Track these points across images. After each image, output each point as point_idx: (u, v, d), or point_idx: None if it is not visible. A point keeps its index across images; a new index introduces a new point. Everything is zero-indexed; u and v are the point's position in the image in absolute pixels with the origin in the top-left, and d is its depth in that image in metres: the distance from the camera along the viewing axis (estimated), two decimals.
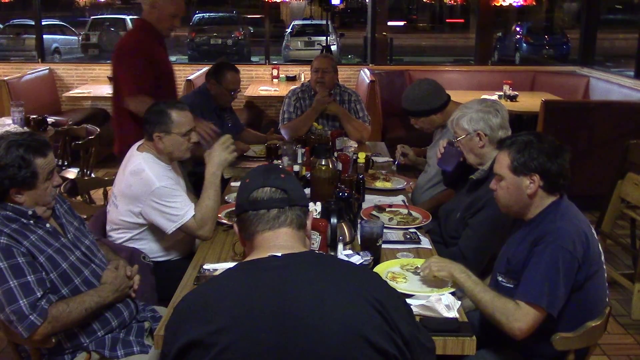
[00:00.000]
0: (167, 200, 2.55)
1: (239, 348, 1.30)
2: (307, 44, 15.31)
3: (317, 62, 4.27)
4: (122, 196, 2.63)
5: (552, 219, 2.01)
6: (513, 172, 2.06)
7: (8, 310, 1.91)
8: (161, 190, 2.54)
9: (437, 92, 3.30)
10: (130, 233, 2.68)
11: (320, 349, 1.30)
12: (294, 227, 1.49)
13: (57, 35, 16.23)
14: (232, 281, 1.42)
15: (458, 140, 2.69)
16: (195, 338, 1.33)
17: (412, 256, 2.40)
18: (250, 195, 1.48)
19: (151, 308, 2.37)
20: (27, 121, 4.63)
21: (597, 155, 5.00)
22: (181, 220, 2.55)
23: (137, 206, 2.59)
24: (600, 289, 2.05)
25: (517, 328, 1.91)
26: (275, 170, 1.55)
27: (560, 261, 1.92)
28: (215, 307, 1.35)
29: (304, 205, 1.54)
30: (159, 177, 2.57)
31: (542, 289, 1.91)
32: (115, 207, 2.68)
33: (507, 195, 2.10)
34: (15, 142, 1.99)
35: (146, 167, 2.58)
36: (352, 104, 4.31)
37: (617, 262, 4.27)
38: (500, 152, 2.13)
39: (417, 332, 1.46)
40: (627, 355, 3.23)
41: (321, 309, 1.33)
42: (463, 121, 2.64)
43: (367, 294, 1.37)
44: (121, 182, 2.65)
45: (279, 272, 1.38)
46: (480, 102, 2.70)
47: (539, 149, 2.03)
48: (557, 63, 13.11)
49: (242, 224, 1.51)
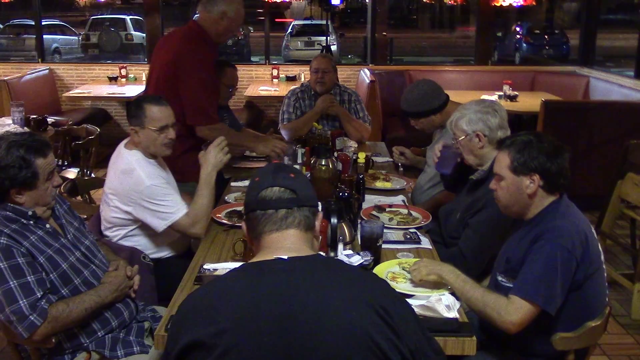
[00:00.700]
0: (159, 199, 2.55)
1: (241, 350, 1.30)
2: (307, 44, 15.31)
3: (316, 62, 4.27)
4: (114, 194, 2.63)
5: (552, 218, 2.02)
6: (513, 172, 2.06)
7: (8, 311, 1.92)
8: (152, 189, 2.54)
9: (436, 92, 3.30)
10: (124, 230, 2.68)
11: (322, 353, 1.30)
12: (302, 229, 1.48)
13: (57, 35, 16.22)
14: (236, 282, 1.41)
15: (457, 142, 2.69)
16: (198, 338, 1.33)
17: (412, 256, 2.40)
18: (259, 194, 1.47)
19: (151, 308, 2.37)
20: (27, 121, 4.63)
21: (597, 155, 5.00)
22: (172, 217, 2.55)
23: (128, 205, 2.59)
24: (600, 289, 2.05)
25: (510, 322, 1.90)
26: (285, 169, 1.54)
27: (558, 259, 1.92)
28: (219, 307, 1.35)
29: (313, 206, 1.52)
30: (149, 176, 2.57)
31: (538, 285, 1.91)
32: (107, 204, 2.68)
33: (507, 195, 2.10)
34: (16, 143, 1.99)
35: (137, 166, 2.58)
36: (352, 104, 4.31)
37: (617, 262, 4.27)
38: (500, 152, 2.13)
39: (426, 341, 1.44)
40: (627, 355, 3.23)
41: (325, 314, 1.32)
42: (462, 122, 2.64)
43: (373, 300, 1.36)
44: (112, 180, 2.65)
45: (284, 276, 1.37)
46: (479, 102, 2.70)
47: (538, 149, 2.03)
48: (557, 63, 13.10)
49: (250, 223, 1.50)
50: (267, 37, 8.26)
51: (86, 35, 17.22)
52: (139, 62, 8.63)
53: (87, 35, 17.22)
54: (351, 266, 2.05)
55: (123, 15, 18.12)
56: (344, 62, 13.89)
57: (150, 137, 2.61)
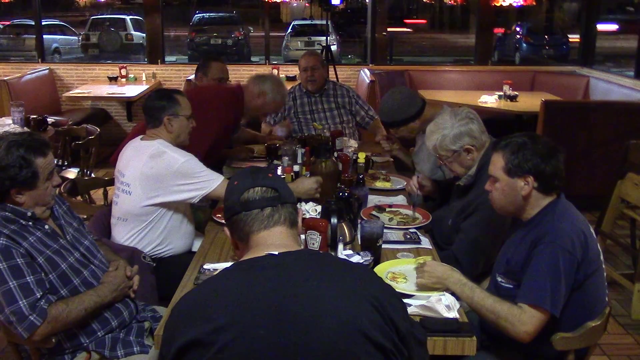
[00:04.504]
0: (197, 171, 2.64)
1: (237, 345, 1.31)
2: (307, 44, 15.31)
3: (304, 60, 4.28)
4: (140, 180, 2.63)
5: (550, 219, 2.02)
6: (507, 173, 2.06)
7: (8, 311, 1.91)
8: (188, 164, 2.63)
9: (412, 99, 3.31)
10: (140, 222, 2.68)
11: (318, 345, 1.31)
12: (288, 225, 1.51)
13: (57, 35, 16.22)
14: (229, 280, 1.42)
15: (446, 160, 2.66)
16: (194, 337, 1.33)
17: (412, 256, 2.39)
18: (241, 196, 1.49)
19: (151, 308, 2.37)
20: (27, 121, 4.63)
21: (597, 155, 5.00)
22: (211, 185, 2.64)
23: (158, 188, 2.62)
24: (599, 288, 2.05)
25: (524, 332, 1.90)
26: (262, 171, 1.58)
27: (560, 261, 1.92)
28: (214, 306, 1.35)
29: (294, 203, 1.56)
30: (182, 155, 2.66)
31: (544, 290, 1.91)
32: (127, 194, 2.68)
33: (503, 196, 2.10)
34: (16, 143, 1.99)
35: (167, 149, 2.67)
36: (352, 99, 4.33)
37: (617, 262, 4.27)
38: (495, 153, 2.12)
39: (412, 327, 1.47)
40: (627, 355, 3.23)
41: (318, 305, 1.34)
42: (447, 142, 2.60)
43: (364, 290, 1.39)
44: (136, 169, 2.65)
45: (277, 270, 1.39)
46: (452, 115, 2.63)
47: (532, 151, 2.03)
48: (557, 63, 13.09)
49: (235, 226, 1.52)
50: (267, 37, 8.26)
51: (86, 35, 17.22)
52: (139, 62, 8.64)
53: (87, 35, 17.22)
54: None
55: (123, 15, 18.13)
56: (344, 62, 13.88)
57: (183, 125, 2.76)
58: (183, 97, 2.80)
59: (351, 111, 4.37)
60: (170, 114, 2.73)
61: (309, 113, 4.34)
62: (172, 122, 2.73)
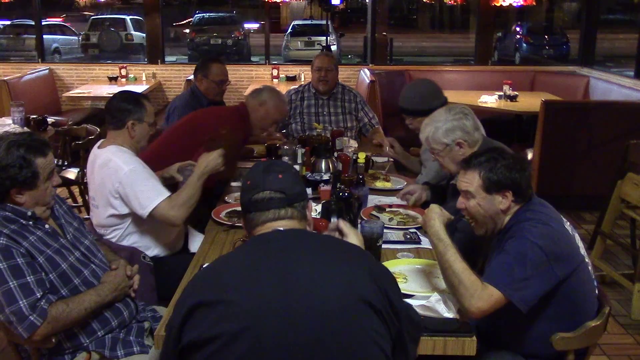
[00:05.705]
0: (139, 183, 2.56)
1: (243, 303, 1.40)
2: (307, 44, 15.31)
3: (318, 60, 4.27)
4: (99, 194, 2.64)
5: (522, 218, 2.04)
6: (486, 191, 2.08)
7: (8, 311, 1.91)
8: (131, 174, 2.56)
9: (436, 93, 3.30)
10: (119, 230, 2.68)
11: (321, 307, 1.40)
12: (296, 219, 1.61)
13: (57, 35, 16.23)
14: (238, 253, 1.64)
15: (438, 155, 2.68)
16: (202, 300, 1.43)
17: (412, 256, 2.40)
18: (252, 197, 1.60)
19: (151, 308, 2.37)
20: (27, 121, 4.63)
21: (597, 155, 4.99)
22: (155, 201, 2.54)
23: (114, 198, 2.60)
24: (586, 282, 2.05)
25: (477, 307, 1.88)
26: (273, 170, 1.62)
27: (529, 252, 1.91)
28: (223, 273, 1.49)
29: (302, 200, 1.64)
30: (126, 162, 2.59)
31: (505, 275, 1.90)
32: (96, 208, 2.69)
33: (482, 211, 2.11)
34: (16, 142, 1.99)
35: (112, 157, 2.62)
36: (358, 105, 4.33)
37: (617, 262, 4.27)
38: (469, 170, 2.13)
39: (406, 308, 1.59)
40: (627, 355, 3.23)
41: (320, 270, 1.45)
42: (439, 135, 2.63)
43: (364, 263, 1.52)
44: (93, 181, 2.67)
45: (283, 241, 1.53)
46: (447, 111, 2.68)
47: (506, 166, 2.06)
48: (557, 63, 13.09)
49: (248, 222, 1.63)
50: (267, 37, 8.26)
51: (86, 35, 17.24)
52: (139, 62, 8.65)
53: (87, 35, 17.24)
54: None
55: (123, 15, 18.15)
56: (344, 62, 13.89)
57: (145, 131, 2.71)
58: (149, 103, 2.74)
59: (357, 117, 4.37)
60: (135, 118, 2.66)
61: (314, 115, 4.32)
62: (136, 127, 2.66)
